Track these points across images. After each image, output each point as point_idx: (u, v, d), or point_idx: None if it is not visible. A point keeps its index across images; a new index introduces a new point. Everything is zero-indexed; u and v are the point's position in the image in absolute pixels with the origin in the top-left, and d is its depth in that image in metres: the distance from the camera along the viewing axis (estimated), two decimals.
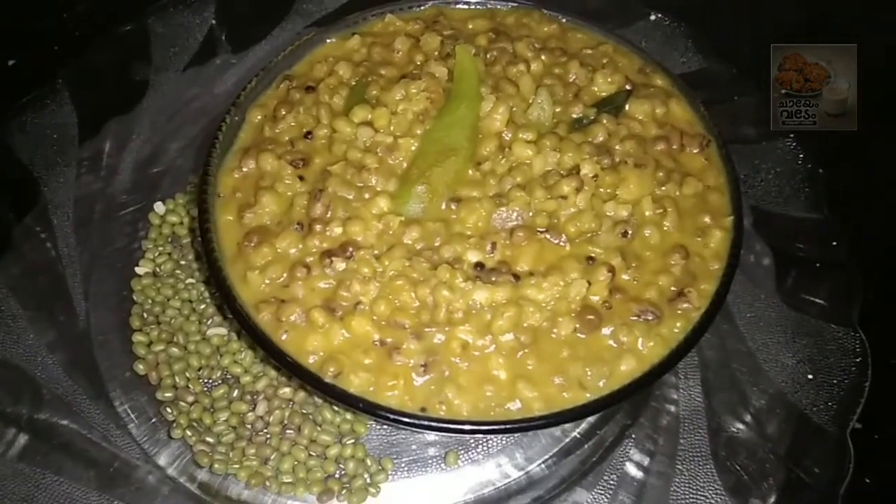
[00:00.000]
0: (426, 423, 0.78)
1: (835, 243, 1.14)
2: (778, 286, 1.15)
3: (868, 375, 1.02)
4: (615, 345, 0.84)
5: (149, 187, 1.26)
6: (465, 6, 1.14)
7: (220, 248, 0.90)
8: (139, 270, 1.17)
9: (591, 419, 1.02)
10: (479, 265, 0.86)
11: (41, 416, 1.05)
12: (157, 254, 1.18)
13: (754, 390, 1.06)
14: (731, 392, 1.06)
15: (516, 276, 0.86)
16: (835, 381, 1.03)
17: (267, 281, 0.87)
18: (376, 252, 0.87)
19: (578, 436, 1.03)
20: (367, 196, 0.91)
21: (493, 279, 0.85)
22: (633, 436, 1.03)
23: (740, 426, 1.04)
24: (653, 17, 1.41)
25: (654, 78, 1.06)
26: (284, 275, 0.87)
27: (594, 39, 1.11)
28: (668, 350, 0.84)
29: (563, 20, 1.12)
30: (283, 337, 0.84)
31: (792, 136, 1.23)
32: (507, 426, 0.78)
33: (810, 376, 1.05)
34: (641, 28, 1.40)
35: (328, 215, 0.90)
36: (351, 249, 0.87)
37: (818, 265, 1.14)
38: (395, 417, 0.78)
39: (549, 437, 1.03)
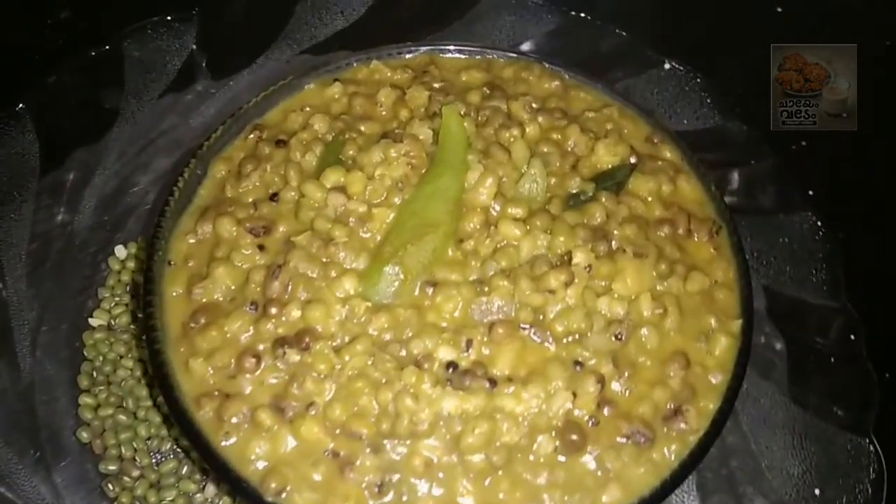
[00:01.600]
0: None
1: (853, 337, 1.03)
2: (789, 378, 1.05)
3: (883, 496, 0.91)
4: (599, 472, 0.74)
5: (112, 227, 1.17)
6: (460, 55, 1.04)
7: (164, 326, 0.80)
8: (93, 322, 1.08)
9: None
10: (452, 365, 0.77)
11: None
12: (113, 304, 1.09)
13: (754, 497, 0.96)
14: (728, 496, 0.96)
15: (493, 382, 0.76)
16: (845, 500, 0.93)
17: (211, 370, 0.78)
18: (336, 343, 0.78)
19: None
20: (332, 274, 0.82)
21: (467, 383, 0.75)
22: None
23: None
24: (667, 66, 1.30)
25: (663, 149, 0.96)
26: (232, 363, 0.78)
27: (598, 100, 1.01)
28: (660, 480, 0.74)
29: (566, 76, 1.02)
30: (224, 443, 0.74)
31: (811, 212, 1.13)
32: None
33: (817, 491, 0.94)
34: (654, 77, 1.30)
35: (286, 296, 0.80)
36: (308, 340, 0.77)
37: (832, 360, 1.04)
38: None
39: None
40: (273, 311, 0.79)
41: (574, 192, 0.90)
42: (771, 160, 1.19)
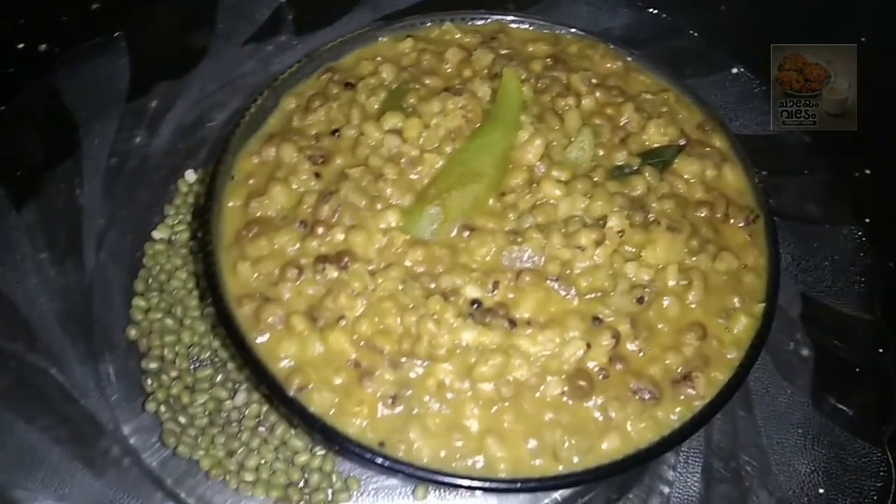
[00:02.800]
0: (380, 459, 0.73)
1: (881, 350, 1.03)
2: (812, 383, 1.05)
3: (890, 498, 0.92)
4: (602, 418, 0.77)
5: (185, 154, 1.24)
6: (530, 27, 1.08)
7: (219, 231, 0.87)
8: (155, 235, 1.15)
9: None
10: (476, 302, 0.81)
11: (30, 359, 1.04)
12: (176, 221, 1.17)
13: (759, 492, 0.97)
14: (733, 488, 0.97)
15: (512, 322, 0.80)
16: (848, 498, 0.93)
17: (256, 275, 0.84)
18: (372, 267, 0.83)
19: (559, 498, 0.96)
20: (378, 207, 0.87)
21: (487, 320, 0.80)
22: None
23: None
24: (735, 71, 1.32)
25: (713, 137, 0.98)
26: (276, 272, 0.84)
27: (657, 84, 1.03)
28: (660, 436, 0.76)
29: (629, 58, 1.05)
30: (259, 339, 0.80)
31: (859, 227, 1.13)
32: (464, 483, 0.72)
33: (821, 490, 0.95)
34: (720, 80, 1.32)
35: (334, 219, 0.86)
36: (347, 259, 0.82)
37: (858, 370, 1.04)
38: (350, 447, 0.73)
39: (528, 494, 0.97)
40: (319, 231, 0.85)
41: (619, 164, 0.93)
42: (826, 173, 1.20)
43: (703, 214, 0.90)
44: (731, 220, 0.90)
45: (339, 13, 1.39)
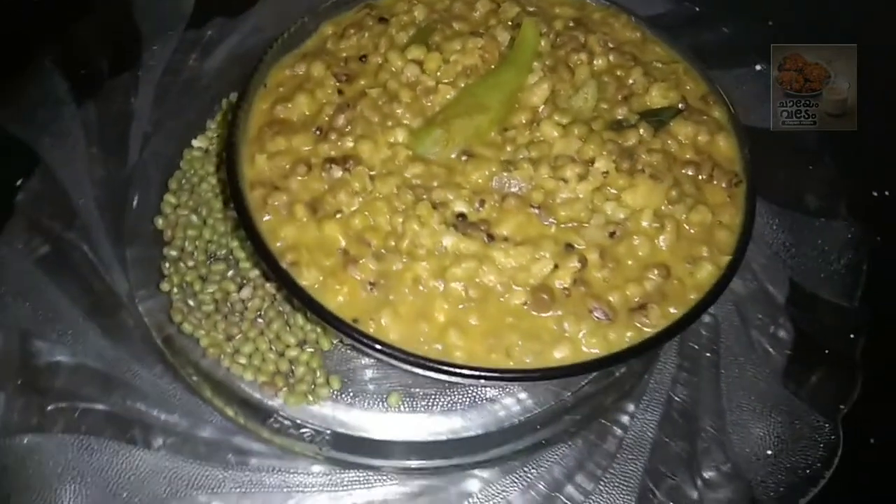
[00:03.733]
0: (348, 330, 0.81)
1: (852, 336, 1.07)
2: (782, 362, 1.10)
3: (830, 470, 0.96)
4: (557, 329, 0.84)
5: (232, 80, 1.34)
6: None
7: (245, 127, 0.96)
8: (195, 143, 1.26)
9: (532, 410, 1.02)
10: (461, 216, 0.88)
11: (67, 235, 1.15)
12: (216, 134, 1.28)
13: (708, 447, 1.02)
14: (685, 441, 1.02)
15: (491, 237, 0.87)
16: (789, 465, 0.98)
17: (270, 166, 0.93)
18: (373, 173, 0.91)
19: (517, 422, 1.03)
20: (389, 124, 0.96)
21: (468, 232, 0.87)
22: (570, 444, 1.02)
23: (679, 478, 1.00)
24: (758, 68, 1.36)
25: (713, 109, 1.04)
26: (287, 166, 0.93)
27: (670, 56, 1.10)
28: (607, 353, 0.83)
29: (648, 31, 1.12)
30: (265, 218, 0.89)
31: (850, 224, 1.17)
32: (419, 361, 0.80)
33: (769, 452, 0.99)
34: (742, 75, 1.37)
35: (347, 129, 0.95)
36: (351, 162, 0.91)
37: (827, 352, 1.08)
38: (327, 317, 0.82)
39: (491, 417, 1.04)
40: (332, 137, 0.94)
41: (619, 118, 0.99)
42: (829, 170, 1.24)
43: (688, 172, 0.96)
44: (715, 182, 0.96)
45: None
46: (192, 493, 0.94)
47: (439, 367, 0.79)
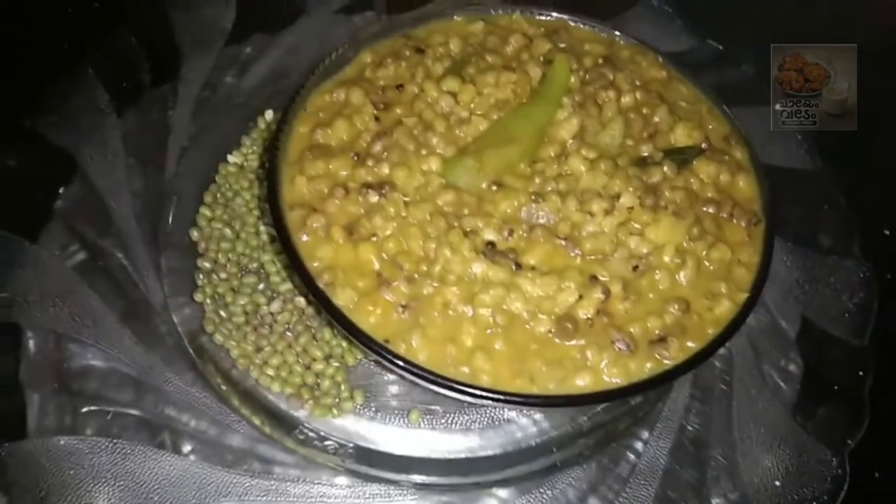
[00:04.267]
0: (380, 350, 0.85)
1: (861, 373, 1.11)
2: (792, 395, 1.13)
3: (836, 503, 0.99)
4: (580, 358, 0.88)
5: (268, 98, 1.39)
6: (590, 28, 1.20)
7: (286, 149, 1.01)
8: (230, 158, 1.30)
9: (549, 433, 1.06)
10: (491, 244, 0.92)
11: (101, 243, 1.19)
12: (251, 150, 1.32)
13: (718, 476, 1.05)
14: (695, 469, 1.06)
15: (518, 265, 0.91)
16: (796, 497, 1.01)
17: (309, 189, 0.97)
18: (407, 199, 0.95)
19: (534, 444, 1.06)
20: (423, 152, 1.00)
21: (497, 259, 0.91)
22: (584, 467, 1.05)
23: None
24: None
25: (735, 149, 1.08)
26: (326, 189, 0.97)
27: (695, 96, 1.14)
28: (627, 383, 0.86)
29: (674, 70, 1.16)
30: (303, 238, 0.93)
31: (862, 263, 1.21)
32: (448, 383, 0.84)
33: (777, 483, 1.03)
34: (761, 113, 1.40)
35: (384, 155, 0.99)
36: (387, 188, 0.95)
37: (836, 388, 1.11)
38: (360, 336, 0.86)
39: (509, 437, 1.07)
40: (369, 163, 0.98)
41: (644, 155, 1.03)
42: (842, 208, 1.27)
43: (709, 210, 0.99)
44: (735, 220, 1.00)
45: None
46: (220, 500, 0.98)
47: (467, 390, 0.83)
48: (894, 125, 1.18)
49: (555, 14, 1.21)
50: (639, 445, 1.07)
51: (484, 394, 0.83)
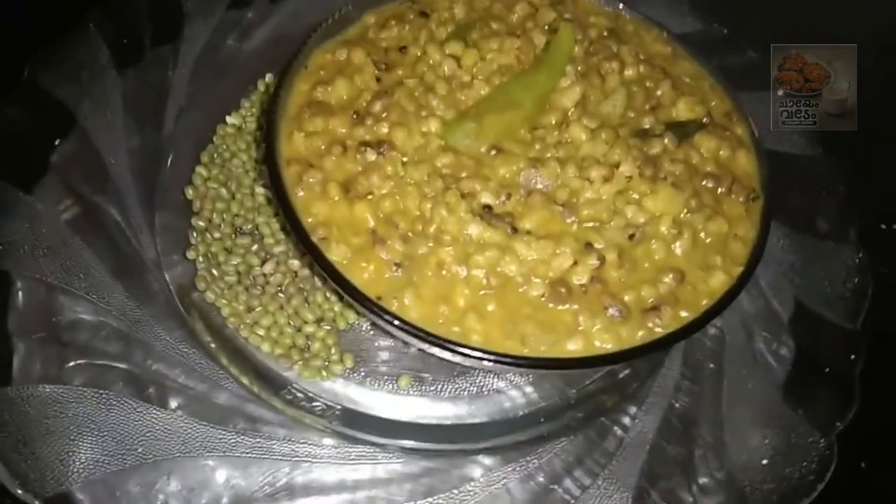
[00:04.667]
0: (371, 306, 0.84)
1: (853, 357, 1.10)
2: (783, 377, 1.13)
3: (822, 483, 0.99)
4: (572, 322, 0.87)
5: (269, 62, 1.38)
6: (596, 1, 1.19)
7: (285, 105, 1.00)
8: (229, 120, 1.30)
9: (537, 404, 1.05)
10: (488, 207, 0.92)
11: (97, 198, 1.19)
12: (249, 113, 1.31)
13: (705, 454, 1.05)
14: (683, 446, 1.05)
15: (514, 229, 0.91)
16: (783, 476, 1.01)
17: (307, 145, 0.96)
18: (405, 159, 0.95)
19: (521, 414, 1.06)
20: (423, 114, 0.99)
21: (493, 223, 0.90)
22: (572, 438, 1.05)
23: (676, 481, 1.03)
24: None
25: (737, 126, 1.07)
26: (323, 146, 0.96)
27: (698, 72, 1.13)
28: (619, 349, 0.86)
29: (679, 47, 1.15)
30: (299, 193, 0.93)
31: (858, 249, 1.20)
32: (438, 340, 0.83)
33: (764, 461, 1.02)
34: (765, 98, 1.38)
35: (383, 115, 0.98)
36: (385, 147, 0.94)
37: (827, 370, 1.11)
38: (352, 292, 0.85)
39: (497, 407, 1.07)
40: (368, 121, 0.98)
41: (645, 127, 1.03)
42: (842, 195, 1.27)
43: (708, 184, 0.99)
44: (733, 195, 0.99)
45: None
46: (204, 454, 0.97)
47: (457, 349, 0.83)
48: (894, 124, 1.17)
49: None
50: (626, 420, 1.07)
51: (473, 353, 0.82)
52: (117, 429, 0.97)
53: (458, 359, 0.86)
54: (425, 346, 0.85)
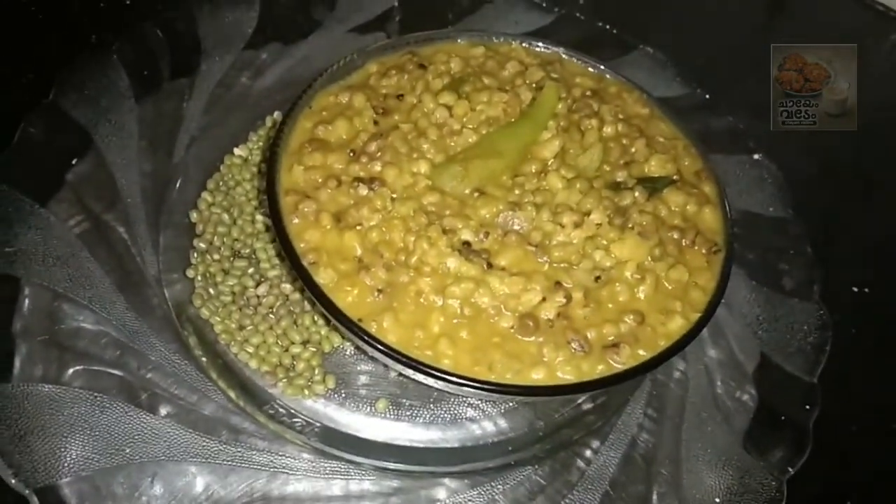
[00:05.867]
0: (352, 327, 0.91)
1: (807, 407, 1.17)
2: (743, 424, 1.19)
3: None
4: (536, 353, 0.94)
5: (278, 101, 1.47)
6: (582, 64, 1.29)
7: (288, 140, 1.09)
8: (236, 151, 1.39)
9: (507, 433, 1.11)
10: (467, 243, 1.00)
11: (106, 216, 1.27)
12: (256, 146, 1.40)
13: (664, 492, 1.10)
14: (642, 482, 1.11)
15: (490, 265, 0.98)
16: None
17: (305, 178, 1.05)
18: (394, 196, 1.03)
19: (491, 442, 1.12)
20: (414, 156, 1.08)
21: (471, 258, 0.98)
22: (536, 468, 1.10)
23: None
24: (756, 157, 1.48)
25: (705, 185, 1.15)
26: (320, 180, 1.04)
27: (673, 133, 1.22)
28: (578, 380, 0.92)
29: (657, 109, 1.24)
30: (294, 220, 1.01)
31: (820, 307, 1.28)
32: (410, 362, 0.90)
33: (717, 500, 1.08)
34: (742, 161, 1.48)
35: (377, 155, 1.07)
36: (377, 184, 1.03)
37: (783, 418, 1.17)
38: (336, 313, 0.92)
39: (469, 434, 1.13)
40: (363, 160, 1.06)
41: (618, 180, 1.11)
42: (807, 256, 1.35)
43: (673, 235, 1.07)
44: (696, 247, 1.07)
45: (441, 24, 1.63)
46: (188, 460, 1.03)
47: (428, 370, 0.89)
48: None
49: (550, 47, 1.30)
50: (589, 454, 1.12)
51: (443, 375, 0.89)
52: (108, 430, 1.03)
53: (429, 381, 0.92)
54: (399, 367, 0.92)
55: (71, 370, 1.09)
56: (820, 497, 1.13)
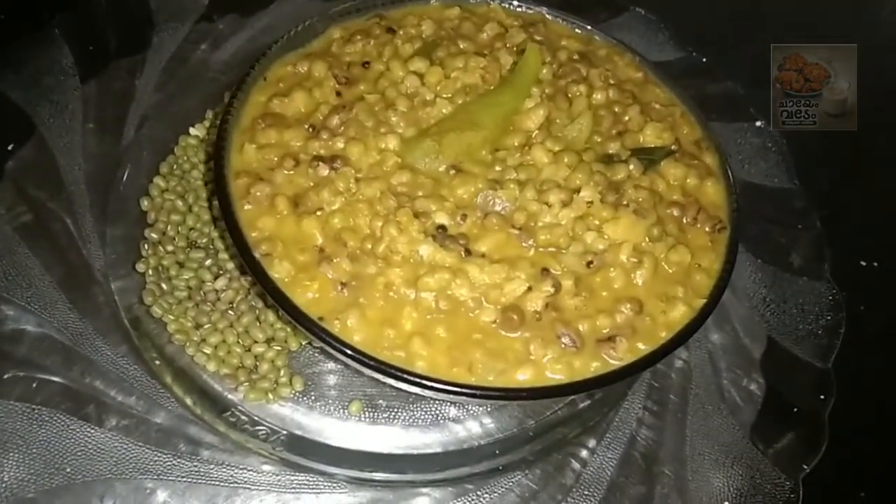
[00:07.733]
0: (312, 327, 0.80)
1: (822, 397, 1.07)
2: (750, 416, 1.09)
3: None
4: (522, 351, 0.83)
5: (238, 71, 1.33)
6: (569, 25, 1.17)
7: (239, 116, 0.97)
8: (192, 131, 1.26)
9: (493, 435, 1.01)
10: (442, 227, 0.88)
11: (51, 205, 1.15)
12: (214, 124, 1.28)
13: (667, 493, 1.00)
14: (644, 484, 1.01)
15: (468, 252, 0.87)
16: None
17: (258, 158, 0.93)
18: (359, 175, 0.91)
19: (477, 445, 1.01)
20: (382, 130, 0.96)
21: (446, 244, 0.87)
22: (527, 472, 1.00)
23: None
24: (758, 124, 1.37)
25: (706, 155, 1.04)
26: (275, 159, 0.93)
27: (669, 99, 1.10)
28: (569, 380, 0.82)
29: (651, 73, 1.13)
30: (245, 206, 0.89)
31: (832, 287, 1.17)
32: (378, 365, 0.79)
33: (726, 503, 0.98)
34: (742, 129, 1.38)
35: (340, 130, 0.95)
36: (339, 163, 0.91)
37: (796, 410, 1.07)
38: (292, 311, 0.81)
39: (452, 437, 1.03)
40: (324, 136, 0.95)
41: (611, 152, 1.00)
42: (816, 231, 1.24)
43: (673, 212, 0.96)
44: (698, 225, 0.96)
45: None
46: (139, 477, 0.93)
47: (399, 374, 0.78)
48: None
49: (533, 7, 1.18)
50: (585, 454, 1.02)
51: (417, 380, 0.78)
52: (47, 447, 0.93)
53: (402, 385, 0.81)
54: (368, 371, 0.81)
55: (8, 378, 0.98)
56: (832, 487, 1.03)
